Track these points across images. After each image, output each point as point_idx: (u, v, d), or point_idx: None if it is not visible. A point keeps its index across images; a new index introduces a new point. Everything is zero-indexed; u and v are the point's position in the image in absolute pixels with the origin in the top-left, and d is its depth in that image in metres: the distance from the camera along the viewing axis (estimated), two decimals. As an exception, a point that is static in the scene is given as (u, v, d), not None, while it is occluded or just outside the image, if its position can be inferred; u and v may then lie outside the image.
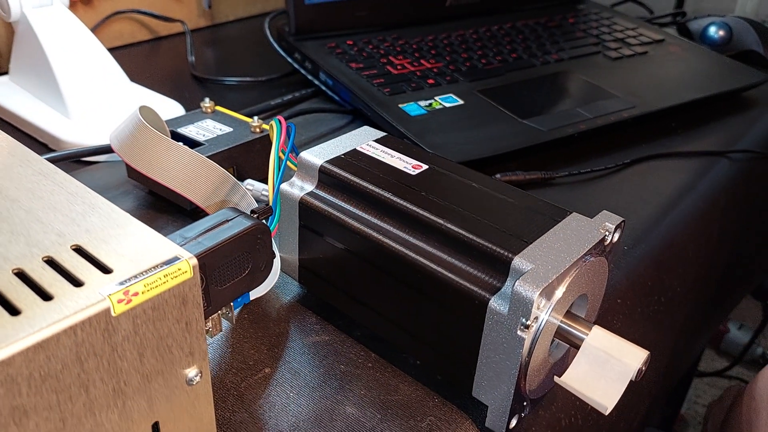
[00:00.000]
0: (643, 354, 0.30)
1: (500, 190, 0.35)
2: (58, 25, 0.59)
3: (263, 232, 0.31)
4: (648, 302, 0.46)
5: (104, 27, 0.77)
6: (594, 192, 0.53)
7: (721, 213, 0.56)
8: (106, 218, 0.27)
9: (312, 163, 0.37)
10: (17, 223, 0.26)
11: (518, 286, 0.28)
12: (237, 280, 0.31)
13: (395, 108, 0.58)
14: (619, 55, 0.73)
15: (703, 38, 0.84)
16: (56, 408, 0.22)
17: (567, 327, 0.31)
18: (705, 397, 1.51)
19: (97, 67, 0.61)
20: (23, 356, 0.21)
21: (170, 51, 0.79)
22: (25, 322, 0.21)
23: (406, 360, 0.36)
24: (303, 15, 0.69)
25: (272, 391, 0.34)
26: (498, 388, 0.31)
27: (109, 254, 0.25)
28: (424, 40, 0.72)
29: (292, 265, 0.39)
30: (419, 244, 0.33)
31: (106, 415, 0.24)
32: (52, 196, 0.28)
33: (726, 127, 0.65)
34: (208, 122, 0.51)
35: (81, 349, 0.22)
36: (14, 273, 0.23)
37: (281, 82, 0.71)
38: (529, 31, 0.77)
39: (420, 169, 0.37)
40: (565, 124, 0.58)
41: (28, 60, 0.61)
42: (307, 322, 0.38)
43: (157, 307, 0.24)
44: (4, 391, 0.20)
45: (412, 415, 0.33)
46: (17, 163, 0.30)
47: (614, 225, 0.32)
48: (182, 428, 0.27)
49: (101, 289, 0.23)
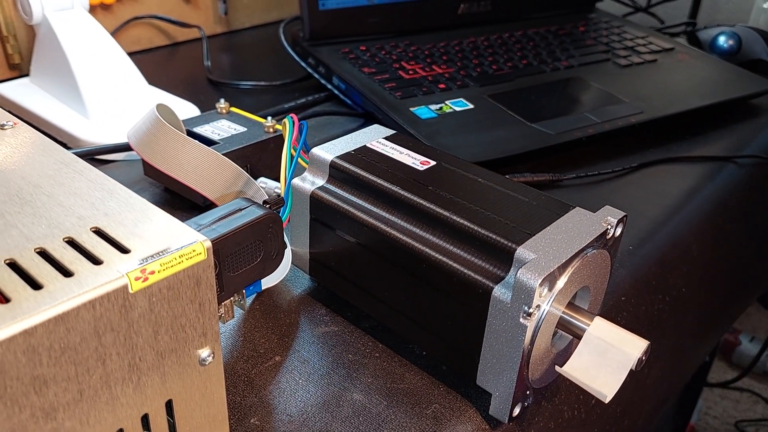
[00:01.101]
0: (643, 344, 0.30)
1: (505, 185, 0.36)
2: (79, 29, 0.61)
3: (275, 221, 0.32)
4: (652, 301, 0.46)
5: (123, 32, 0.79)
6: (601, 194, 0.54)
7: (728, 216, 0.57)
8: (124, 203, 0.28)
9: (323, 158, 0.38)
10: (40, 207, 0.27)
11: (521, 274, 0.29)
12: (249, 267, 0.32)
13: (406, 111, 0.60)
14: (629, 63, 0.74)
15: (712, 47, 0.84)
16: (74, 379, 0.23)
17: (569, 317, 0.32)
18: (716, 408, 1.50)
19: (116, 70, 0.63)
20: (44, 327, 0.22)
21: (187, 56, 0.81)
22: (47, 296, 0.22)
23: (412, 350, 0.37)
24: (317, 21, 0.71)
25: (281, 378, 0.35)
26: (501, 376, 0.32)
27: (126, 236, 0.26)
28: (435, 46, 0.73)
29: (302, 258, 0.40)
30: (426, 236, 0.34)
31: (122, 388, 0.25)
32: (73, 182, 0.29)
33: (733, 133, 0.65)
34: (223, 122, 0.52)
35: (99, 323, 0.23)
36: (37, 252, 0.24)
37: (295, 86, 0.72)
38: (539, 39, 0.78)
39: (428, 165, 0.38)
40: (573, 128, 0.59)
41: (48, 62, 0.63)
42: (316, 313, 0.39)
43: (173, 287, 0.25)
44: (26, 360, 0.21)
45: (417, 402, 0.34)
46: (40, 153, 0.31)
47: (616, 219, 0.33)
48: (194, 407, 0.28)
49: (119, 267, 0.24)
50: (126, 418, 0.25)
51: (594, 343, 0.31)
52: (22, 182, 0.29)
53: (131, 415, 0.25)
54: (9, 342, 0.21)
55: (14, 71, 0.71)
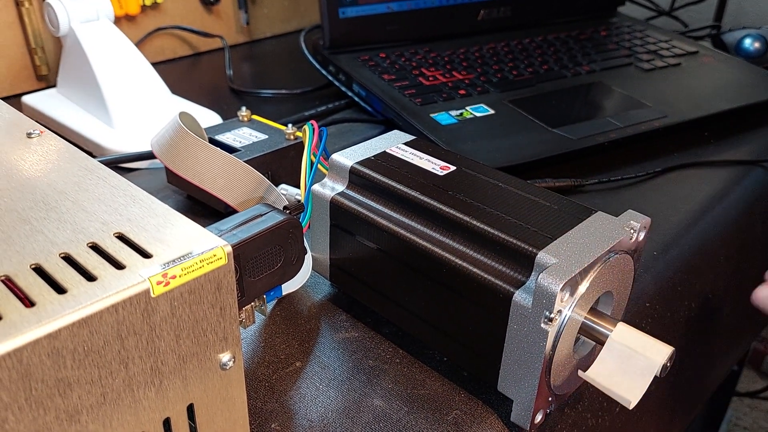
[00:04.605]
0: (668, 350, 0.30)
1: (525, 189, 0.36)
2: (104, 40, 0.62)
3: (295, 226, 0.32)
4: (678, 307, 0.46)
5: (147, 42, 0.80)
6: (624, 199, 0.53)
7: (755, 221, 0.56)
8: (147, 209, 0.28)
9: (343, 164, 0.39)
10: (64, 212, 0.27)
11: (542, 279, 0.29)
12: (269, 272, 0.32)
13: (426, 117, 0.60)
14: (652, 67, 0.73)
15: (738, 50, 0.83)
16: (98, 382, 0.23)
17: (591, 323, 0.31)
18: (746, 419, 1.47)
19: (140, 80, 0.63)
20: (68, 331, 0.22)
21: (209, 66, 0.82)
22: (71, 300, 0.23)
23: (433, 356, 0.37)
24: (337, 29, 0.71)
25: (302, 384, 0.35)
26: (523, 382, 0.31)
27: (149, 241, 0.26)
28: (455, 52, 0.73)
29: (323, 264, 0.40)
30: (446, 241, 0.34)
31: (144, 392, 0.25)
32: (97, 188, 0.29)
33: (760, 137, 0.64)
34: (245, 130, 0.53)
35: (122, 327, 0.23)
36: (61, 257, 0.25)
37: (315, 94, 0.73)
38: (560, 44, 0.78)
39: (448, 170, 0.38)
40: (595, 133, 0.59)
41: (75, 73, 0.64)
42: (337, 319, 0.39)
43: (194, 291, 0.25)
44: (50, 362, 0.22)
45: (438, 408, 0.33)
46: (65, 160, 0.32)
47: (639, 223, 0.33)
48: (215, 412, 0.28)
49: (141, 272, 0.24)
50: (148, 422, 0.25)
51: (617, 349, 0.30)
52: (48, 189, 0.29)
53: (153, 419, 0.26)
54: (34, 345, 0.21)
55: (42, 82, 0.72)
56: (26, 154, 0.32)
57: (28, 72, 0.71)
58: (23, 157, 0.32)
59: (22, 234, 0.26)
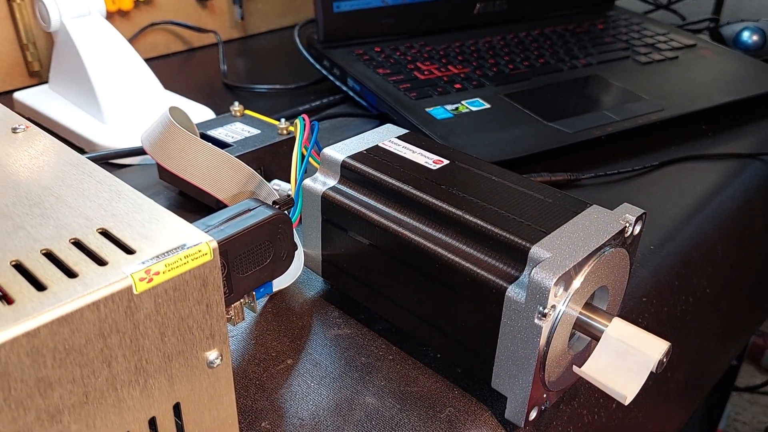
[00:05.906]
0: (664, 345, 0.29)
1: (519, 183, 0.35)
2: (96, 35, 0.62)
3: (284, 221, 0.32)
4: (675, 302, 0.45)
5: (140, 38, 0.79)
6: (620, 193, 0.53)
7: (754, 215, 0.55)
8: (132, 205, 0.27)
9: (334, 158, 0.38)
10: (48, 208, 0.27)
11: (535, 273, 0.28)
12: (259, 268, 0.31)
13: (421, 112, 0.59)
14: (649, 60, 0.72)
15: (736, 43, 0.83)
16: (80, 381, 0.23)
17: (586, 318, 0.31)
18: (745, 414, 1.47)
19: (133, 75, 0.63)
20: (48, 329, 0.21)
21: (203, 61, 0.81)
22: (51, 297, 0.22)
23: (426, 353, 0.36)
24: (331, 23, 0.71)
25: (293, 381, 0.34)
26: (517, 378, 0.31)
27: (133, 237, 0.25)
28: (451, 46, 0.72)
29: (315, 259, 0.40)
30: (439, 236, 0.33)
31: (128, 391, 0.24)
32: (82, 184, 0.29)
33: (757, 130, 0.64)
34: (237, 125, 0.52)
35: (104, 324, 0.23)
36: (43, 253, 0.24)
37: (310, 89, 0.72)
38: (556, 38, 0.77)
39: (441, 164, 0.37)
40: (591, 127, 0.58)
41: (66, 69, 0.63)
42: (329, 316, 0.39)
43: (178, 288, 0.25)
44: (30, 361, 0.21)
45: (431, 405, 0.33)
46: (50, 155, 0.31)
47: (635, 216, 0.32)
48: (203, 411, 0.28)
49: (124, 268, 0.23)
50: (133, 421, 0.25)
51: (613, 345, 0.30)
52: (32, 184, 0.28)
53: (138, 419, 0.25)
54: (12, 343, 0.21)
55: (34, 78, 0.72)
56: (10, 149, 0.31)
57: (20, 68, 0.71)
58: (7, 152, 0.31)
59: (4, 230, 0.25)
